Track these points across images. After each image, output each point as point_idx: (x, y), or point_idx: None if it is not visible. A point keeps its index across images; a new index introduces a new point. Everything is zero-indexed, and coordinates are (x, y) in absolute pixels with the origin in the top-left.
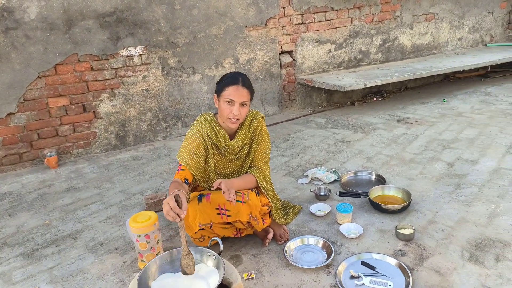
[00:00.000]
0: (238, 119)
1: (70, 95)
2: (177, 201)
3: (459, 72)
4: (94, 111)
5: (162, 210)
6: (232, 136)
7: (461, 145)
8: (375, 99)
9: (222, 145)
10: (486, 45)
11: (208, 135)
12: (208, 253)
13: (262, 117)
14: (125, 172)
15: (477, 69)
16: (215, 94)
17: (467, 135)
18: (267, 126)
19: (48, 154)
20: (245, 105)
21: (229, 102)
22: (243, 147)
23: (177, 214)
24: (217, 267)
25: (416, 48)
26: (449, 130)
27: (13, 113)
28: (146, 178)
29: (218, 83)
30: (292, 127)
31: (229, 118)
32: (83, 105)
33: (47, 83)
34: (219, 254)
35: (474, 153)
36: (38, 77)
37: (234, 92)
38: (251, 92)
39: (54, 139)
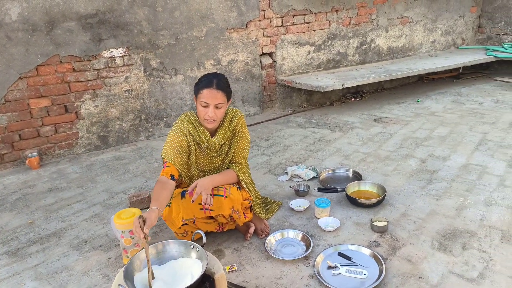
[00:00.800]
0: (214, 120)
1: (52, 96)
2: (145, 220)
3: (433, 73)
4: (76, 112)
5: (146, 208)
6: (213, 133)
7: (433, 143)
8: (353, 99)
9: (203, 143)
10: (458, 47)
11: (190, 133)
12: (192, 246)
13: (242, 115)
14: (108, 172)
15: (450, 71)
16: (194, 96)
17: (439, 133)
18: (249, 126)
19: (29, 155)
20: (220, 106)
21: (204, 104)
22: (223, 144)
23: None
24: (200, 258)
25: (392, 50)
26: (423, 128)
27: None
28: (129, 178)
29: (195, 85)
30: (272, 127)
31: (205, 119)
32: (65, 106)
33: (28, 84)
34: (202, 246)
35: (445, 150)
36: (20, 78)
37: (208, 95)
38: (227, 93)
39: (36, 140)
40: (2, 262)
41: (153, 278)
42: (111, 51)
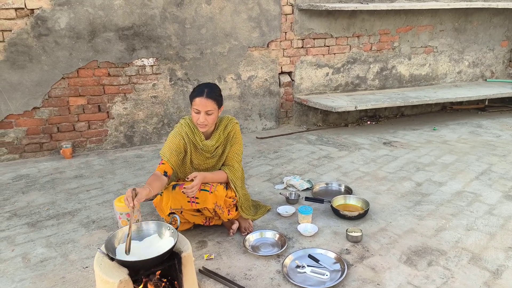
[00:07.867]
0: (206, 125)
1: (88, 96)
2: (137, 194)
3: (458, 103)
4: (107, 112)
5: (150, 200)
6: (208, 136)
7: (434, 169)
8: (369, 122)
9: (199, 144)
10: (486, 80)
11: (187, 135)
12: (168, 227)
13: (236, 123)
14: (127, 167)
15: (476, 102)
16: (190, 103)
17: (443, 161)
18: (262, 138)
19: (64, 146)
20: (210, 113)
21: (196, 111)
22: (217, 147)
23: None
24: (173, 237)
25: (414, 78)
26: (429, 155)
27: (38, 108)
28: (144, 173)
29: (190, 94)
30: (284, 141)
31: (198, 124)
32: (99, 106)
33: (69, 84)
34: (176, 228)
35: (444, 176)
36: (62, 78)
37: (200, 103)
38: (218, 101)
39: (71, 133)
40: (22, 230)
41: (129, 246)
42: (142, 60)
